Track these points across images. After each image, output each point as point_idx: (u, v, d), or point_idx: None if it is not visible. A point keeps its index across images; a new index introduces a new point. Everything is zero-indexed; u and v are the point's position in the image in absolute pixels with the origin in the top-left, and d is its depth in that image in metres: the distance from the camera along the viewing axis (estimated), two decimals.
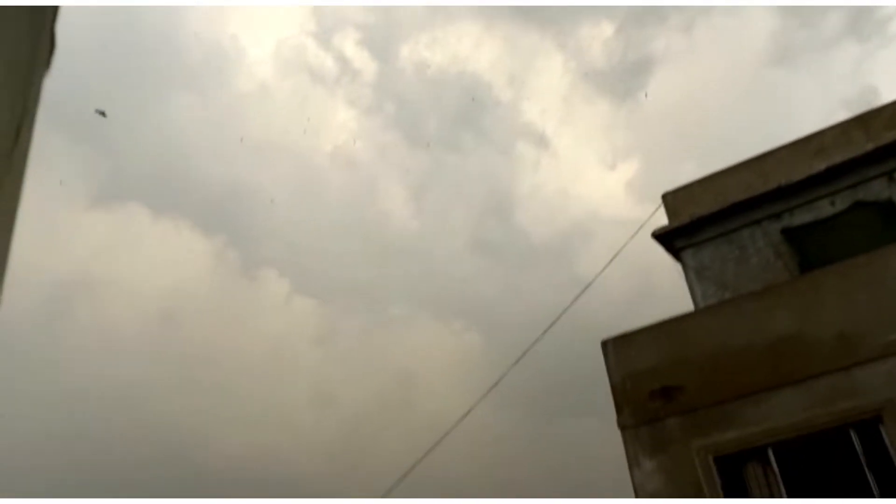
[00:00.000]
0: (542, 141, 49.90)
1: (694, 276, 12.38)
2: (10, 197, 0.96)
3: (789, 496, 7.81)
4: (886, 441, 7.54)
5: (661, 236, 12.65)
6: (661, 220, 12.86)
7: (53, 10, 1.02)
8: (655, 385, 8.82)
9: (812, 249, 11.38)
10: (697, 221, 12.40)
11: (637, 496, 8.38)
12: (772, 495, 7.88)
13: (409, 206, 51.52)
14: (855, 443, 7.66)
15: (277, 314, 47.29)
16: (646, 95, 46.41)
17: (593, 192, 50.77)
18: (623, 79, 47.52)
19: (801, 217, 11.66)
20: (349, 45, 53.83)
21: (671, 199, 12.86)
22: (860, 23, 39.97)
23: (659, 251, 12.82)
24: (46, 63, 0.99)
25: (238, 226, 48.66)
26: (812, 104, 43.45)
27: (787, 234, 11.70)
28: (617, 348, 9.39)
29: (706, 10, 45.41)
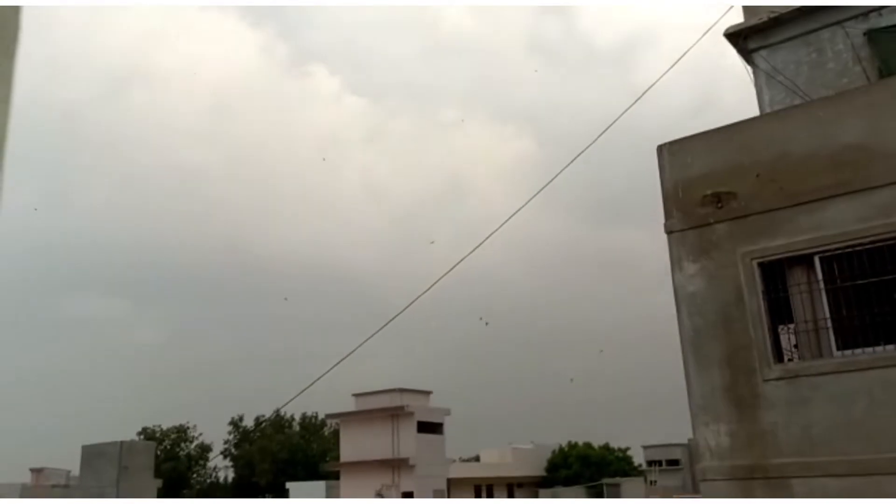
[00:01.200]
0: None
1: (764, 81, 11.80)
2: None
3: (830, 308, 7.92)
4: None
5: (734, 35, 11.94)
6: (735, 21, 12.05)
7: None
8: (708, 191, 8.75)
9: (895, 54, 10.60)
10: (776, 20, 11.61)
11: (676, 297, 8.63)
12: (812, 304, 8.01)
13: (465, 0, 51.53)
14: None
15: (327, 110, 48.42)
16: None
17: None
18: None
19: (891, 17, 10.76)
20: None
21: None
22: None
23: (730, 59, 12.16)
24: None
25: (287, 18, 48.75)
26: None
27: (871, 35, 10.89)
28: (673, 153, 9.24)
29: None
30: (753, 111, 12.01)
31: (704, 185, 8.83)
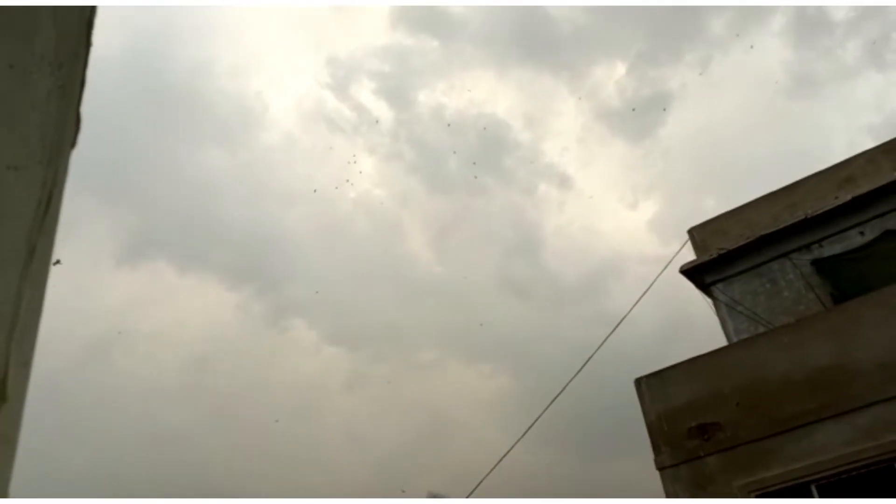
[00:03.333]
0: (564, 182, 48.95)
1: (725, 311, 12.23)
2: (42, 263, 1.02)
3: None
4: None
5: (690, 271, 12.56)
6: (690, 255, 12.78)
7: (80, 88, 1.10)
8: (692, 422, 8.66)
9: (844, 280, 11.20)
10: (725, 255, 12.31)
11: None
12: None
13: (435, 250, 50.89)
14: None
15: (307, 362, 46.73)
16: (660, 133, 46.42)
17: (617, 230, 49.77)
18: (639, 117, 46.85)
19: (832, 248, 11.52)
20: (365, 93, 53.10)
21: (698, 234, 12.79)
22: (880, 51, 39.55)
23: (689, 286, 12.71)
24: (72, 142, 1.07)
25: (266, 277, 48.30)
26: (835, 134, 42.74)
27: (818, 265, 11.55)
28: (651, 386, 9.27)
29: (722, 46, 44.81)
30: (723, 336, 12.33)
31: (688, 417, 8.76)
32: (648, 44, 48.07)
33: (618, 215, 50.60)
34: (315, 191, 50.67)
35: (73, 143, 1.12)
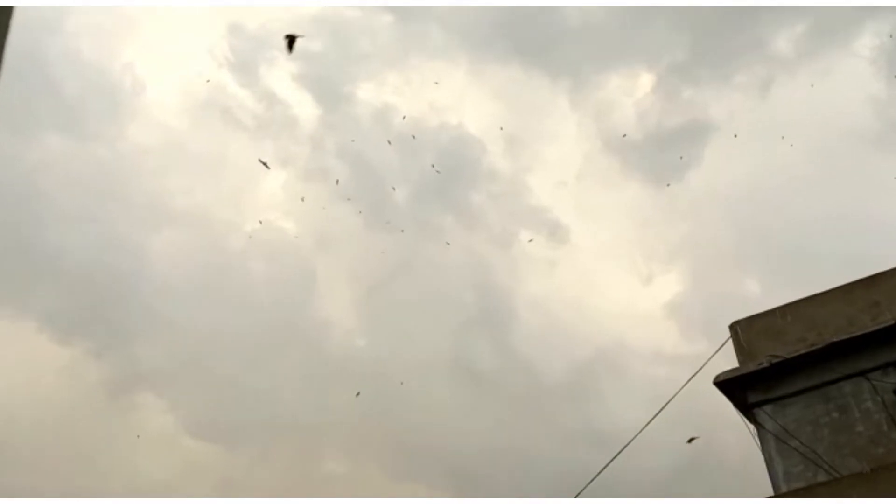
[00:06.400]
0: (554, 232, 35.01)
1: (773, 445, 8.94)
2: None
3: None
4: None
5: (728, 384, 9.28)
6: (727, 360, 9.54)
7: None
8: None
9: None
10: (779, 366, 9.07)
11: None
12: None
13: (361, 314, 35.89)
14: None
15: (158, 457, 31.29)
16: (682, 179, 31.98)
17: (623, 311, 35.99)
18: (663, 151, 33.80)
19: None
20: (281, 80, 36.72)
21: (742, 332, 9.63)
22: None
23: (723, 401, 9.42)
24: None
25: (109, 330, 32.66)
26: None
27: None
28: None
29: (788, 67, 32.74)
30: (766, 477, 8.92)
31: None
32: (686, 53, 35.00)
33: (625, 290, 36.88)
34: (195, 213, 34.99)
35: None
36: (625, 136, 32.58)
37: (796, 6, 28.53)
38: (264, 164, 28.12)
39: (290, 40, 10.71)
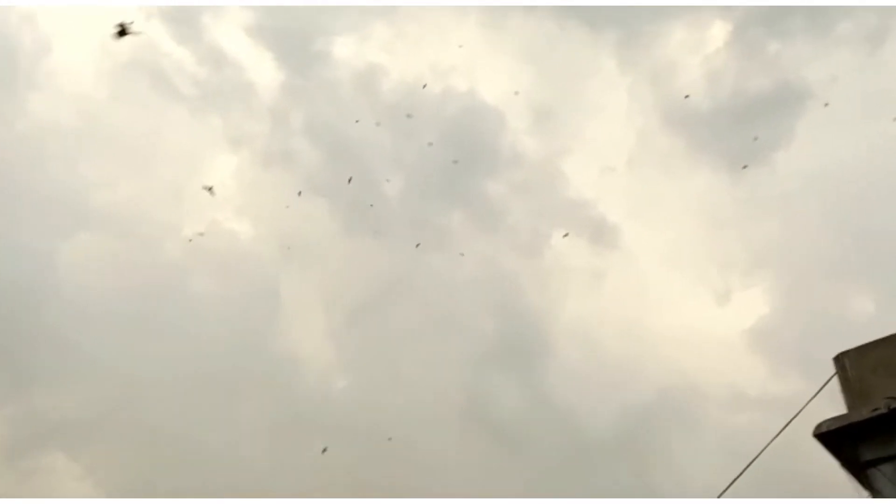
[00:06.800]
0: (598, 234, 24.98)
1: None
2: None
3: None
4: None
5: (833, 436, 7.14)
6: (832, 405, 7.39)
7: None
8: None
9: None
10: None
11: None
12: None
13: (340, 346, 25.60)
14: None
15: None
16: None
17: (692, 338, 26.62)
18: (742, 129, 24.37)
19: None
20: (230, 33, 25.63)
21: (851, 367, 7.39)
22: None
23: (823, 458, 7.35)
24: None
25: (10, 369, 23.26)
26: None
27: None
28: None
29: None
30: None
31: None
32: None
33: (694, 311, 27.22)
34: (118, 212, 25.30)
35: None
36: (689, 99, 24.87)
37: None
38: (208, 189, 22.07)
39: (122, 30, 7.91)
